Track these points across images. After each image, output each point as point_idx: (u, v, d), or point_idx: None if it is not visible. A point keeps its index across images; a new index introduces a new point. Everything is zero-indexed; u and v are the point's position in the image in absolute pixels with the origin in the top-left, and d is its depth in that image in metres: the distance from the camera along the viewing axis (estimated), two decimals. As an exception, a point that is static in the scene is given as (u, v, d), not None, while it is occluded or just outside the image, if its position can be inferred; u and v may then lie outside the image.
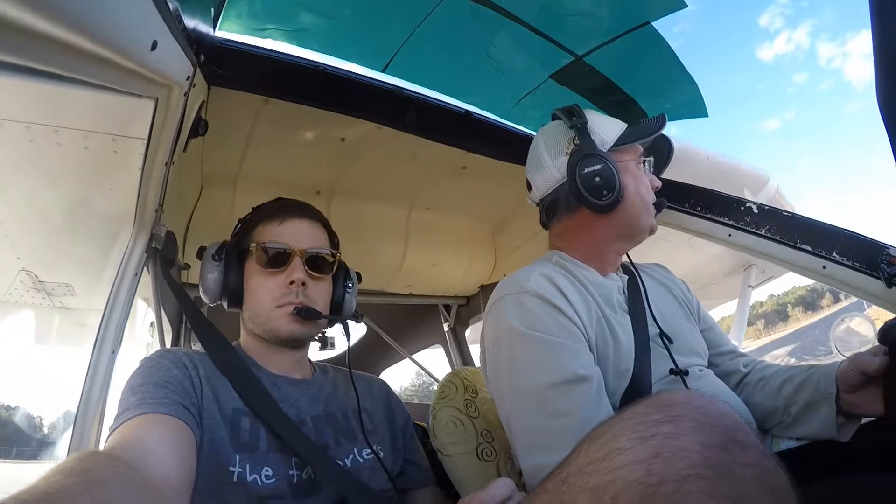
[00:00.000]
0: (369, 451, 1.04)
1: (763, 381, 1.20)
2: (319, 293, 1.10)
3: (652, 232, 1.22)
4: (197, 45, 1.00)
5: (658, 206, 1.21)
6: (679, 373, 1.06)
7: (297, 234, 1.10)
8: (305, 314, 1.04)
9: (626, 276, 1.22)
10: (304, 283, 1.06)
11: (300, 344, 1.11)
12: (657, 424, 0.54)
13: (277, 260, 1.07)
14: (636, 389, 1.02)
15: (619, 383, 1.02)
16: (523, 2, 1.38)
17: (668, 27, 1.51)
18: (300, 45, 1.41)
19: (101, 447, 0.86)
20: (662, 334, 1.11)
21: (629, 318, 1.12)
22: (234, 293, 1.09)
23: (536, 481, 0.85)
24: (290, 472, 0.91)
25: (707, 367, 1.19)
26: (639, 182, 1.19)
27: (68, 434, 1.09)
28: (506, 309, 1.04)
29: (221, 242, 1.13)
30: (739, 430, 0.53)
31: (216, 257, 1.09)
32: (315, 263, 1.10)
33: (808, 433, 1.09)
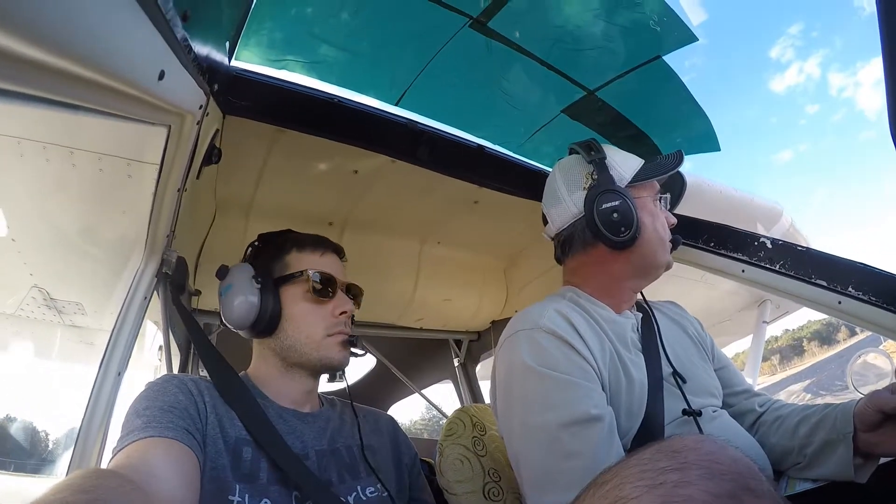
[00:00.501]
0: (373, 489, 1.03)
1: (779, 422, 1.18)
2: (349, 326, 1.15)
3: (668, 268, 1.22)
4: (210, 75, 1.02)
5: (674, 243, 1.22)
6: (692, 413, 1.04)
7: (334, 267, 1.15)
8: (356, 343, 1.11)
9: (640, 314, 1.20)
10: (352, 316, 1.13)
11: (336, 371, 1.14)
12: (664, 472, 0.52)
13: (327, 290, 1.10)
14: (649, 430, 1.00)
15: (631, 424, 1.00)
16: (535, 36, 1.40)
17: (680, 61, 1.52)
18: (317, 76, 1.43)
19: (102, 467, 0.85)
20: (676, 374, 1.10)
21: (643, 356, 1.10)
22: (272, 320, 1.07)
23: None
24: None
25: (721, 408, 1.16)
26: (655, 219, 1.18)
27: (69, 452, 1.08)
28: (518, 345, 1.03)
29: (249, 264, 1.12)
30: (752, 476, 0.51)
31: (257, 280, 1.08)
32: (353, 297, 1.17)
33: (824, 474, 1.06)
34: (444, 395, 3.04)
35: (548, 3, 1.36)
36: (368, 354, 1.23)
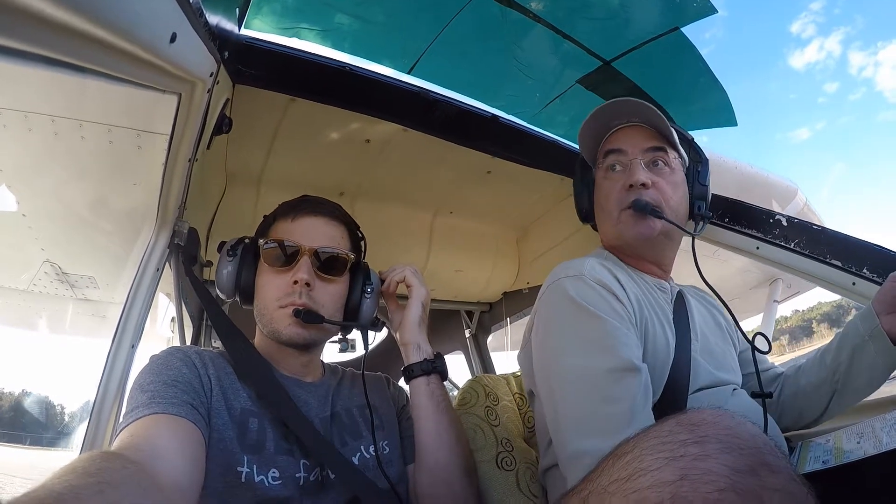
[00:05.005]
0: (375, 447, 1.03)
1: (801, 368, 1.20)
2: (328, 296, 1.05)
3: (643, 237, 1.12)
4: (220, 42, 1.00)
5: (634, 206, 1.09)
6: (762, 395, 1.01)
7: (309, 232, 1.06)
8: (305, 317, 0.99)
9: (677, 288, 1.20)
10: (308, 284, 1.01)
11: (304, 347, 1.05)
12: (684, 445, 0.52)
13: (284, 258, 1.03)
14: (672, 397, 0.99)
15: (656, 389, 0.99)
16: (551, 4, 1.37)
17: (699, 32, 1.49)
18: (329, 45, 1.41)
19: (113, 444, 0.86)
20: (700, 348, 1.09)
21: (674, 326, 1.09)
22: (245, 290, 1.07)
23: (579, 468, 0.82)
24: (298, 475, 0.90)
25: (741, 388, 1.15)
26: (599, 191, 1.19)
27: (84, 425, 1.10)
28: (566, 289, 1.01)
29: (240, 238, 1.11)
30: (769, 452, 0.52)
31: (231, 253, 1.08)
32: (325, 263, 1.05)
33: (868, 382, 1.07)
34: (454, 366, 3.05)
35: (564, -30, 1.33)
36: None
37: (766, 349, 1.11)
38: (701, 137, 1.24)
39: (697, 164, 1.20)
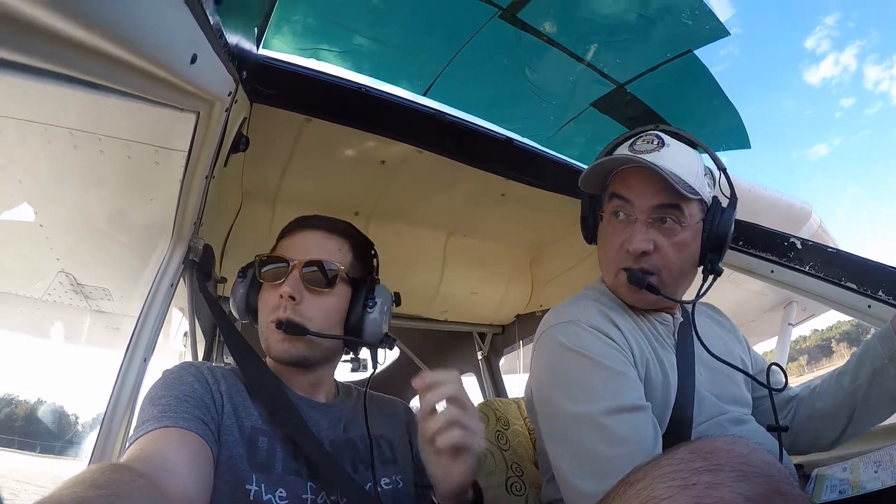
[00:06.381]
0: (388, 479, 1.02)
1: (816, 390, 1.17)
2: (317, 309, 1.00)
3: (639, 303, 1.08)
4: (239, 62, 1.02)
5: (629, 277, 1.02)
6: (778, 429, 1.00)
7: (302, 246, 1.04)
8: (286, 329, 0.96)
9: (679, 318, 1.15)
10: (292, 297, 0.97)
11: (300, 365, 1.02)
12: (697, 473, 0.51)
13: (277, 274, 1.01)
14: (677, 431, 0.98)
15: (661, 424, 0.98)
16: (565, 28, 1.38)
17: (714, 51, 1.49)
18: (349, 66, 1.43)
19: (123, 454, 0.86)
20: (706, 380, 1.07)
21: (675, 357, 1.07)
22: (252, 310, 1.07)
23: None
24: (304, 496, 0.89)
25: (750, 415, 1.13)
26: (603, 234, 1.12)
27: (94, 435, 1.10)
28: (562, 335, 1.01)
29: (255, 259, 1.10)
30: (784, 480, 0.51)
31: (241, 274, 1.08)
32: (314, 276, 1.00)
33: (884, 405, 1.05)
34: (467, 389, 3.03)
35: (578, -5, 1.34)
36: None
37: (782, 384, 1.09)
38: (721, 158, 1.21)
39: (720, 206, 1.06)
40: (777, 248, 1.38)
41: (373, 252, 1.16)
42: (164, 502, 0.64)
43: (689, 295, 1.12)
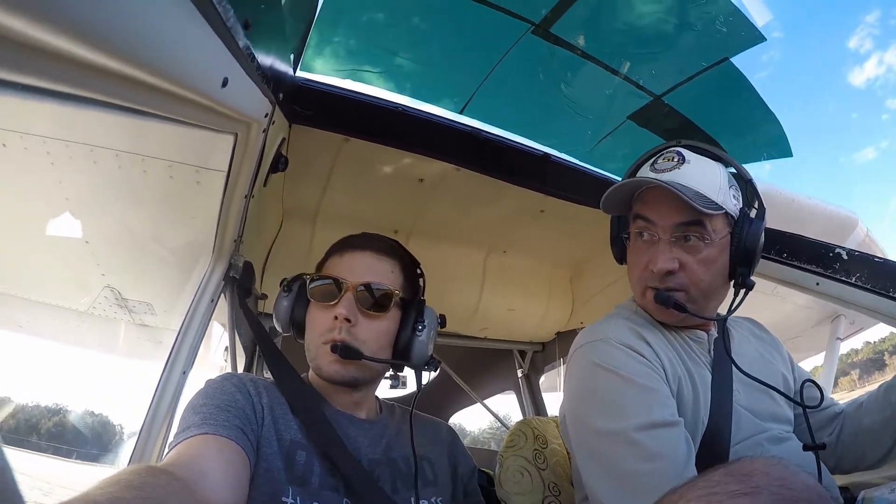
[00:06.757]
0: (427, 502, 1.00)
1: (862, 406, 1.11)
2: (370, 332, 0.99)
3: (668, 321, 1.06)
4: (275, 84, 1.04)
5: (656, 298, 1.01)
6: (814, 448, 0.94)
7: (355, 267, 1.03)
8: (342, 352, 0.95)
9: (715, 334, 1.12)
10: (348, 320, 0.96)
11: (349, 385, 1.02)
12: (734, 496, 0.50)
13: (328, 293, 1.00)
14: (712, 451, 0.95)
15: (694, 441, 0.95)
16: (599, 41, 1.37)
17: (755, 57, 1.46)
18: (391, 87, 1.45)
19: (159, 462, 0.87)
20: (744, 397, 1.04)
21: (711, 375, 1.04)
22: (297, 325, 1.07)
23: None
24: None
25: (791, 433, 1.09)
26: (630, 255, 1.11)
27: (131, 445, 1.12)
28: (592, 354, 1.00)
29: (298, 274, 1.11)
30: None
31: (287, 288, 1.08)
32: (368, 299, 1.00)
33: None
34: (509, 407, 3.00)
35: (610, 7, 1.33)
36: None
37: (818, 400, 1.04)
38: (763, 167, 1.18)
39: (748, 217, 1.05)
40: (822, 260, 1.33)
41: (419, 272, 1.15)
42: None
43: (723, 310, 1.10)
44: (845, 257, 1.29)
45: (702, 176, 1.01)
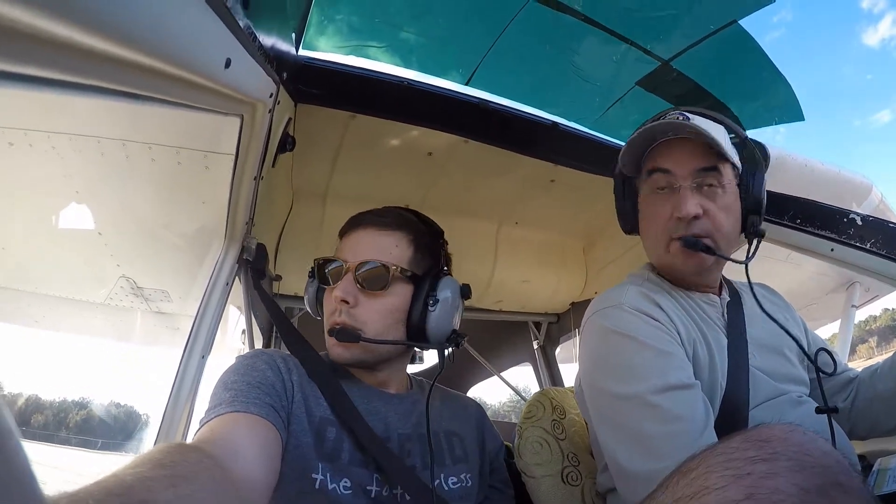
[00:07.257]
0: (455, 479, 1.01)
1: (877, 372, 1.11)
2: (371, 312, 0.97)
3: (696, 270, 1.05)
4: (278, 64, 1.03)
5: (684, 242, 1.00)
6: (827, 411, 0.94)
7: (356, 247, 1.00)
8: (338, 335, 0.94)
9: (727, 298, 1.12)
10: (346, 301, 0.95)
11: (363, 366, 1.01)
12: (752, 462, 0.50)
13: (334, 276, 0.99)
14: (732, 415, 0.95)
15: (713, 406, 0.95)
16: (604, 6, 1.35)
17: (766, 19, 1.43)
18: (397, 61, 1.45)
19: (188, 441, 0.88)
20: (760, 360, 1.03)
21: (726, 338, 1.04)
22: (319, 309, 1.08)
23: (637, 492, 0.80)
24: (369, 487, 0.89)
25: (808, 396, 1.08)
26: (647, 213, 1.10)
27: (154, 432, 1.14)
28: (605, 320, 1.01)
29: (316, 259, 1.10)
30: (842, 471, 0.49)
31: (311, 274, 1.07)
32: (366, 278, 0.97)
33: None
34: (526, 378, 3.01)
35: (614, -29, 1.31)
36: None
37: (831, 367, 1.04)
38: (778, 130, 1.15)
39: (752, 170, 1.06)
40: (836, 225, 1.32)
41: (441, 241, 1.12)
42: (230, 485, 0.64)
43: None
44: (860, 223, 1.29)
45: (707, 127, 1.01)
